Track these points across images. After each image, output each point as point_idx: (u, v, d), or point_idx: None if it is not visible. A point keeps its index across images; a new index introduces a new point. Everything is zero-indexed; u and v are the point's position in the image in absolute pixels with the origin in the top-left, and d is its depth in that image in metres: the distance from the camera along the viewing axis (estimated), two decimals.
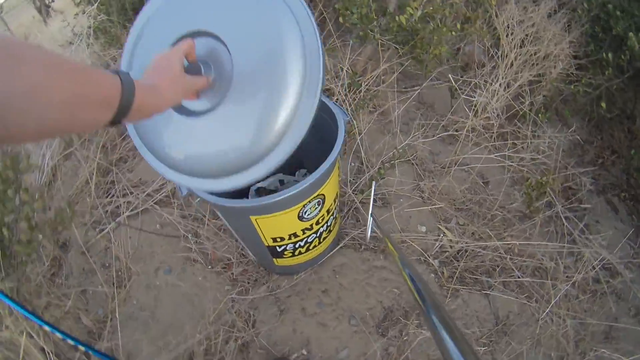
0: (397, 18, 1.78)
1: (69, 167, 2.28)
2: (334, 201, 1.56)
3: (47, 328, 0.88)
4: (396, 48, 2.07)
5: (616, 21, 1.90)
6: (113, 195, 2.12)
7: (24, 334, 1.48)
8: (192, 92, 0.87)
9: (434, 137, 2.10)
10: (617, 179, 2.14)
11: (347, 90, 2.07)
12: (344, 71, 2.09)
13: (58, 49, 2.87)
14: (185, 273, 1.81)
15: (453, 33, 1.81)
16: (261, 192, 1.81)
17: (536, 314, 1.73)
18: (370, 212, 1.27)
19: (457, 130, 2.11)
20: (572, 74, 2.13)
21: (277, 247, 1.53)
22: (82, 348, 0.95)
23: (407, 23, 1.76)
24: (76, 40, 2.57)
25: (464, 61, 2.32)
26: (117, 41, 2.61)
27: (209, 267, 1.83)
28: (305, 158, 1.93)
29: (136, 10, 2.61)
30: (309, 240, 1.55)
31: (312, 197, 1.38)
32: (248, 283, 1.77)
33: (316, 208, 1.44)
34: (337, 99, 2.09)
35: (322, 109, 1.58)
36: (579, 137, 2.11)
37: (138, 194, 2.10)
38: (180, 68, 0.79)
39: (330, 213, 1.55)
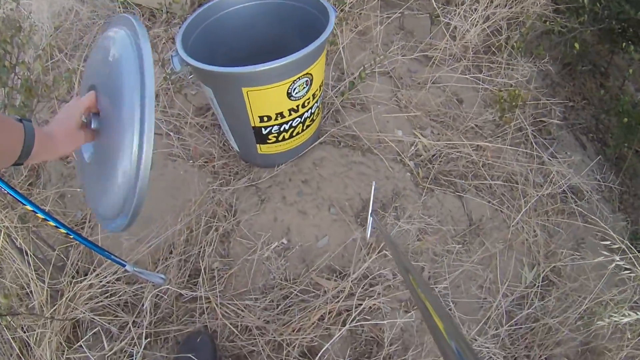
0: None
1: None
2: (319, 88, 1.64)
3: (40, 214, 0.91)
4: None
5: None
6: None
7: (1, 233, 1.48)
8: (85, 141, 0.94)
9: (412, 57, 2.22)
10: (586, 121, 2.30)
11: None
12: None
13: None
14: (167, 168, 1.84)
15: None
16: None
17: (508, 220, 1.85)
18: (370, 211, 1.36)
19: (434, 53, 2.23)
20: (549, 15, 2.29)
21: (263, 129, 1.59)
22: (71, 236, 0.99)
23: None
24: None
25: None
26: None
27: (190, 162, 1.87)
28: None
29: None
30: (293, 124, 1.63)
31: (301, 73, 1.46)
32: (229, 175, 1.83)
33: (304, 87, 1.52)
34: None
35: (313, 5, 1.67)
36: (551, 77, 2.26)
37: None
38: (77, 122, 0.89)
39: (315, 99, 1.63)
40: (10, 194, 0.87)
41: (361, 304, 1.56)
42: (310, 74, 1.51)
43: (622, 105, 2.10)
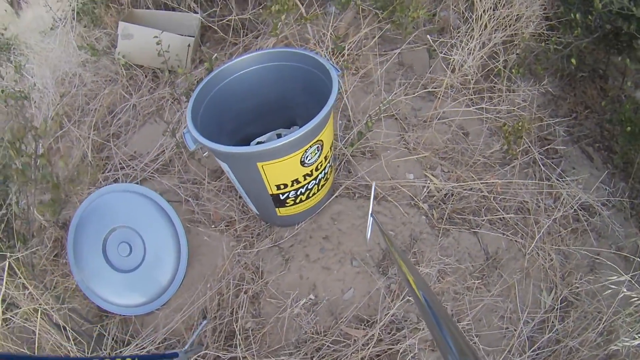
0: None
1: (62, 148, 2.39)
2: (330, 149, 1.74)
3: None
4: (376, 13, 2.27)
5: None
6: (110, 170, 2.24)
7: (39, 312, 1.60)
8: None
9: (415, 95, 2.31)
10: (590, 131, 2.38)
11: (331, 54, 2.26)
12: (327, 36, 2.28)
13: (37, 36, 2.96)
14: (190, 234, 1.95)
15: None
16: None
17: (523, 249, 1.95)
18: (370, 212, 1.46)
19: (435, 87, 2.32)
20: (544, 34, 2.36)
21: (281, 195, 1.69)
22: None
23: None
24: (59, 25, 2.69)
25: (440, 25, 2.54)
26: (100, 21, 2.74)
27: (212, 226, 1.98)
28: (298, 117, 2.11)
29: None
30: (309, 187, 1.73)
31: (312, 142, 1.55)
32: (252, 237, 1.94)
33: (316, 153, 1.62)
34: None
35: (315, 66, 1.75)
36: (552, 92, 2.34)
37: (135, 165, 2.23)
38: None
39: (327, 160, 1.73)
40: None
41: (391, 348, 1.67)
42: (321, 140, 1.60)
43: (624, 113, 2.17)
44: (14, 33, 3.31)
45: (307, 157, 1.58)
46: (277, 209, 1.79)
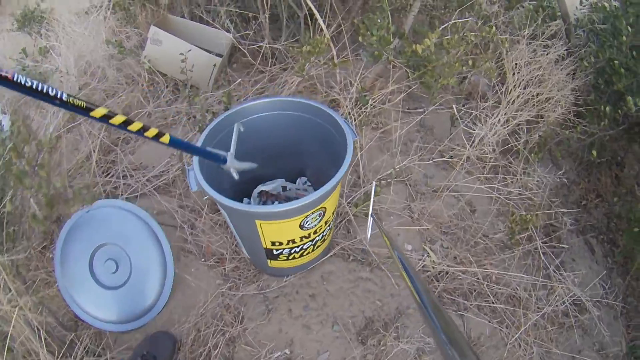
0: (414, 46, 1.97)
1: (70, 140, 2.41)
2: (333, 214, 1.75)
3: None
4: (406, 71, 2.27)
5: (619, 78, 2.13)
6: (113, 175, 2.27)
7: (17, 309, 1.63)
8: None
9: (430, 161, 2.31)
10: (597, 222, 2.39)
11: (354, 104, 2.26)
12: (354, 86, 2.28)
13: (71, 17, 2.97)
14: (179, 263, 1.98)
15: (464, 68, 2.01)
16: (263, 194, 1.99)
17: (505, 338, 1.95)
18: (370, 212, 1.46)
19: (452, 157, 2.32)
20: (570, 119, 2.36)
21: (274, 250, 1.71)
22: None
23: (422, 52, 1.95)
24: (94, 12, 2.70)
25: (467, 90, 2.54)
26: (133, 20, 2.75)
27: (202, 259, 2.01)
28: (306, 167, 2.12)
29: None
30: (304, 247, 1.75)
31: (315, 209, 1.57)
32: (239, 280, 1.96)
33: (317, 219, 1.63)
34: (343, 113, 2.27)
35: (330, 122, 1.76)
36: (566, 180, 2.33)
37: (138, 178, 2.25)
38: None
39: (328, 224, 1.75)
40: None
41: None
42: (324, 207, 1.62)
43: (635, 212, 2.17)
44: (50, 6, 3.34)
45: (307, 222, 1.60)
46: (268, 260, 1.81)
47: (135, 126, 1.09)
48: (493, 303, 2.00)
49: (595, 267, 2.26)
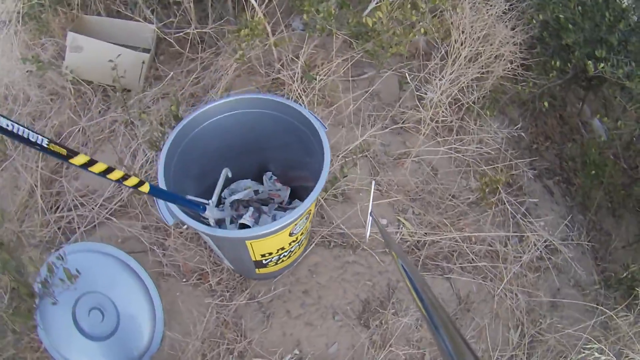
0: (364, 19, 1.91)
1: (6, 178, 2.17)
2: (314, 207, 1.72)
3: None
4: (350, 41, 2.22)
5: (566, 32, 2.22)
6: (62, 209, 2.08)
7: None
8: None
9: (385, 130, 2.32)
10: (550, 164, 2.54)
11: (299, 82, 2.19)
12: (298, 65, 2.20)
13: None
14: (161, 289, 1.88)
15: (416, 37, 1.99)
16: (235, 203, 1.91)
17: (492, 291, 2.07)
18: (369, 211, 1.45)
19: (406, 123, 2.35)
20: (518, 73, 2.44)
21: (263, 260, 1.67)
22: None
23: (372, 25, 1.90)
24: (3, 29, 2.38)
25: (410, 52, 2.53)
26: (47, 29, 2.46)
27: (184, 280, 1.92)
28: (269, 161, 2.05)
29: None
30: (292, 249, 1.71)
31: (302, 215, 1.52)
32: (227, 291, 1.91)
33: (304, 223, 1.59)
34: (292, 94, 2.21)
35: (292, 115, 1.70)
36: (522, 133, 2.44)
37: (90, 206, 2.08)
38: None
39: (309, 220, 1.71)
40: None
41: None
42: (310, 209, 1.58)
43: (590, 156, 2.32)
44: None
45: (296, 228, 1.56)
46: (256, 269, 1.76)
47: (115, 175, 1.06)
48: (474, 262, 2.09)
49: (557, 208, 2.41)
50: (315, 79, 2.18)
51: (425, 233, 2.11)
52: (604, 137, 2.63)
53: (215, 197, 1.53)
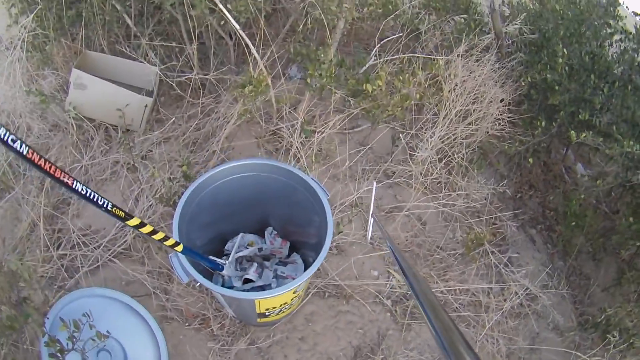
0: (365, 85, 2.05)
1: (7, 209, 2.22)
2: None
3: None
4: (347, 98, 2.35)
5: (553, 93, 2.44)
6: (65, 246, 2.15)
7: None
8: None
9: (379, 184, 2.50)
10: (533, 212, 2.75)
11: (298, 136, 2.33)
12: (298, 121, 2.33)
13: None
14: (165, 333, 1.98)
15: (412, 103, 2.14)
16: (240, 259, 2.03)
17: (474, 337, 2.23)
18: (371, 213, 1.57)
19: (397, 178, 2.55)
20: (505, 130, 2.63)
21: (266, 312, 1.79)
22: None
23: (372, 92, 2.04)
24: (8, 55, 2.42)
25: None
26: (51, 61, 2.51)
27: (187, 324, 2.03)
28: (270, 216, 2.18)
29: (73, 24, 2.53)
30: (292, 303, 1.83)
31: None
32: (228, 336, 2.02)
33: (306, 282, 1.71)
34: (291, 149, 2.34)
35: (296, 180, 1.86)
36: (507, 190, 2.62)
37: (93, 246, 2.16)
38: None
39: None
40: None
41: None
42: None
43: (571, 207, 2.50)
44: None
45: (299, 287, 1.67)
46: (258, 319, 1.87)
47: (158, 236, 1.27)
48: (458, 311, 2.25)
49: (538, 256, 2.61)
50: (314, 134, 2.30)
51: None
52: (587, 181, 2.80)
53: (232, 258, 1.65)
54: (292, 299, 1.79)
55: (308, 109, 2.44)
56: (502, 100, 2.54)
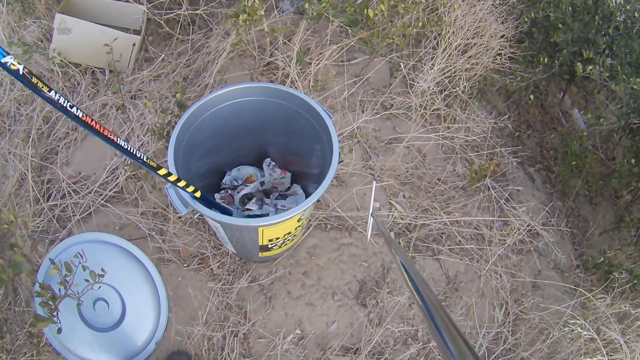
0: (366, 11, 1.99)
1: None
2: None
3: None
4: (345, 27, 2.30)
5: (555, 31, 2.41)
6: (55, 196, 2.10)
7: None
8: None
9: (377, 116, 2.46)
10: (532, 151, 2.72)
11: (294, 66, 2.27)
12: (294, 51, 2.26)
13: None
14: (163, 276, 1.94)
15: (414, 30, 2.09)
16: (242, 198, 1.99)
17: (478, 271, 2.24)
18: (370, 211, 1.55)
19: (396, 109, 2.50)
20: (506, 65, 2.59)
21: (269, 245, 1.76)
22: None
23: (374, 17, 1.98)
24: None
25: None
26: (32, 9, 2.42)
27: (185, 265, 1.99)
28: (269, 145, 2.12)
29: None
30: (296, 233, 1.80)
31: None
32: (228, 275, 2.00)
33: (311, 208, 1.68)
34: (288, 79, 2.28)
35: (297, 103, 1.77)
36: (509, 124, 2.59)
37: (84, 193, 2.10)
38: None
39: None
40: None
41: None
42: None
43: (571, 147, 2.49)
44: None
45: (304, 213, 1.64)
46: (260, 253, 1.84)
47: (181, 183, 1.40)
48: (462, 244, 2.25)
49: (538, 194, 2.60)
50: (310, 64, 2.25)
51: (416, 216, 2.25)
52: (583, 127, 2.82)
53: (237, 199, 1.81)
54: (296, 228, 1.75)
55: (303, 40, 2.37)
56: (502, 36, 2.51)
